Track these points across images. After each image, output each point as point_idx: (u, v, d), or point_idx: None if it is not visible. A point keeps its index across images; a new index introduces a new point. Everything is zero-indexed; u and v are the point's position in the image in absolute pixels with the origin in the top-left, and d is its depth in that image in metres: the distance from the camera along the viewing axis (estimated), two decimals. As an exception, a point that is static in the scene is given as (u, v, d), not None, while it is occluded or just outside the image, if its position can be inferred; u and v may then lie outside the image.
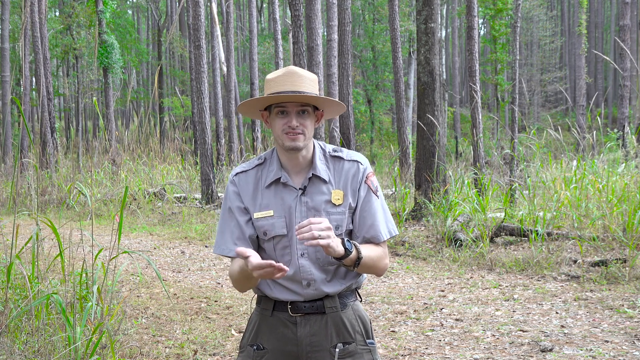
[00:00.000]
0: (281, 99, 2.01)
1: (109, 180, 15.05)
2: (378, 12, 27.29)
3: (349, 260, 1.94)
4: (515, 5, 11.23)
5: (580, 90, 24.57)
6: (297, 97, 2.01)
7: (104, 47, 19.08)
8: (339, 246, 1.89)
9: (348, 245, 1.92)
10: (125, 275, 7.09)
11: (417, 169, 9.72)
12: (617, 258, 6.32)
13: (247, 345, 2.14)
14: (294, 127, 2.02)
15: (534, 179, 8.90)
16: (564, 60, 39.61)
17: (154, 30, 37.31)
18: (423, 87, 9.56)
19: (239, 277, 2.03)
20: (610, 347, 4.31)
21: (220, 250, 2.11)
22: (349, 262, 1.95)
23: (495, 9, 17.15)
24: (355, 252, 1.94)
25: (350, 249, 1.92)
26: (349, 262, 1.95)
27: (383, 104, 29.03)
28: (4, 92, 18.79)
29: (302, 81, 2.04)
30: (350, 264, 1.96)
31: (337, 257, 1.91)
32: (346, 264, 1.96)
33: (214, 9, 19.96)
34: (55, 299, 3.77)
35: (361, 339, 2.10)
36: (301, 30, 10.62)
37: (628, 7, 19.03)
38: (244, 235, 2.08)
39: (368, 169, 2.12)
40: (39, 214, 4.46)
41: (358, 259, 1.95)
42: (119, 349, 4.26)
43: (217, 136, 19.43)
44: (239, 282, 2.06)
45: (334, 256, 1.90)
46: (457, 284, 6.33)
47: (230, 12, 21.28)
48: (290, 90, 2.01)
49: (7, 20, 18.87)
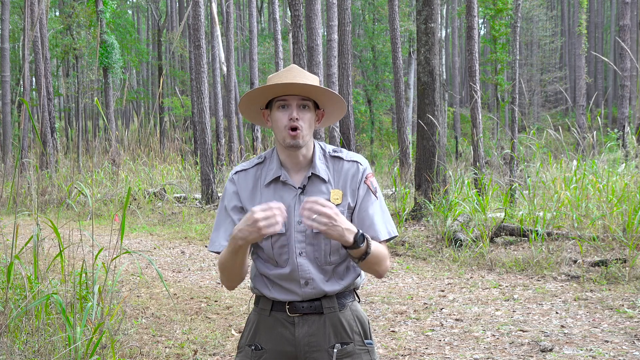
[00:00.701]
0: (283, 87, 2.01)
1: (109, 180, 15.06)
2: (378, 12, 27.30)
3: (357, 252, 1.93)
4: (515, 5, 11.23)
5: (580, 90, 24.57)
6: (298, 85, 2.00)
7: (104, 47, 19.08)
8: (344, 236, 1.87)
9: (360, 238, 1.91)
10: (125, 275, 7.09)
11: (417, 169, 9.72)
12: (617, 258, 6.32)
13: (245, 346, 2.13)
14: (295, 119, 2.02)
15: (534, 179, 8.90)
16: (564, 60, 39.61)
17: (154, 30, 37.32)
18: (423, 87, 9.56)
19: (227, 258, 1.98)
20: (610, 347, 4.31)
21: (214, 247, 2.10)
22: (355, 254, 1.94)
23: (495, 9, 17.14)
24: (365, 246, 1.93)
25: (361, 243, 1.91)
26: (356, 253, 1.94)
27: (383, 104, 29.03)
28: (4, 92, 18.79)
29: (303, 75, 2.06)
30: (357, 255, 1.94)
31: (344, 245, 1.91)
32: (353, 254, 1.95)
33: (214, 9, 19.96)
34: (55, 299, 3.77)
35: (359, 340, 2.10)
36: (301, 30, 10.62)
37: (628, 7, 19.03)
38: None
39: (368, 169, 2.12)
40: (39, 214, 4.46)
41: (366, 253, 1.94)
42: (119, 349, 4.26)
43: (217, 136, 19.44)
44: (227, 270, 2.02)
45: (342, 243, 1.90)
46: (457, 284, 6.33)
47: (230, 12, 21.28)
48: (292, 82, 2.01)
49: (7, 20, 18.86)
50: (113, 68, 19.53)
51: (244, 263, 2.01)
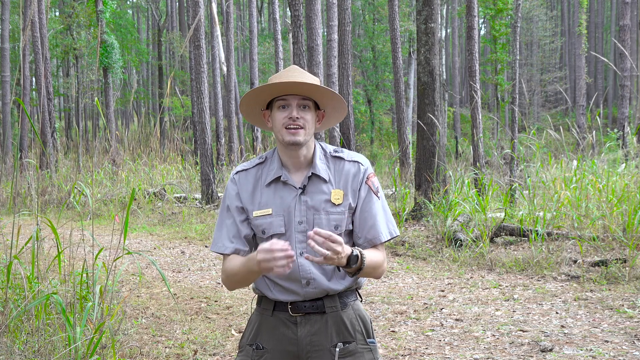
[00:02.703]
0: (283, 86, 2.01)
1: (109, 180, 15.06)
2: (378, 12, 27.28)
3: (350, 270, 1.95)
4: (516, 5, 11.23)
5: (580, 90, 24.57)
6: (299, 84, 2.01)
7: (104, 47, 19.09)
8: (342, 261, 1.89)
9: (353, 258, 1.91)
10: (125, 275, 7.09)
11: (417, 169, 9.73)
12: (617, 258, 6.32)
13: (247, 345, 2.14)
14: (295, 118, 2.02)
15: (534, 179, 8.90)
16: (564, 60, 39.59)
17: (154, 30, 37.32)
18: (423, 87, 9.56)
19: (239, 272, 2.00)
20: (610, 347, 4.31)
21: (216, 247, 2.11)
22: (349, 272, 1.96)
23: (495, 9, 17.14)
24: (358, 264, 1.93)
25: (353, 264, 1.91)
26: (350, 271, 1.96)
27: (383, 104, 29.02)
28: (4, 92, 18.79)
29: (304, 75, 2.06)
30: (351, 272, 1.97)
31: (338, 267, 1.95)
32: (346, 271, 1.97)
33: (214, 9, 19.96)
34: (55, 299, 3.77)
35: (361, 339, 2.10)
36: (301, 30, 10.62)
37: (628, 7, 19.02)
38: (239, 234, 2.09)
39: (369, 169, 2.12)
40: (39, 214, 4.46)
41: (359, 269, 1.95)
42: (119, 349, 4.26)
43: (217, 136, 19.43)
44: (236, 278, 2.03)
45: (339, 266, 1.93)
46: (457, 284, 6.33)
47: (230, 12, 21.28)
48: (292, 80, 2.01)
49: (7, 20, 18.86)
50: (113, 68, 19.53)
51: (255, 279, 2.06)
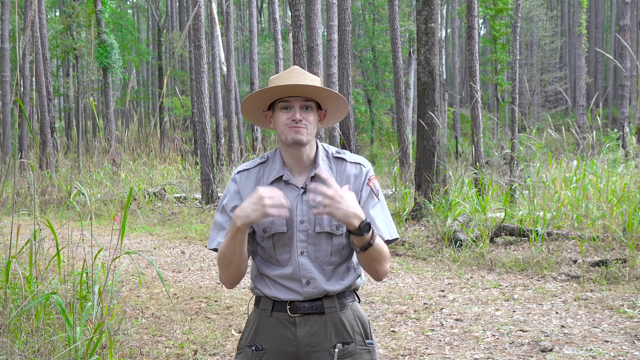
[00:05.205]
0: (285, 89, 2.01)
1: (109, 180, 15.06)
2: (378, 12, 27.28)
3: (360, 239, 1.91)
4: (516, 5, 11.23)
5: (580, 90, 24.56)
6: (301, 86, 2.01)
7: (103, 47, 19.07)
8: (349, 217, 1.86)
9: (365, 226, 1.89)
10: (125, 275, 7.09)
11: (417, 169, 9.72)
12: (617, 258, 6.32)
13: (245, 346, 2.13)
14: (298, 120, 2.02)
15: (534, 179, 8.90)
16: (564, 60, 39.59)
17: (154, 30, 37.30)
18: (423, 87, 9.56)
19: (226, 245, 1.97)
20: (610, 347, 4.31)
21: (212, 244, 2.11)
22: (359, 242, 1.92)
23: (495, 9, 17.12)
24: (369, 236, 1.91)
25: (365, 231, 1.89)
26: (359, 241, 1.92)
27: (383, 104, 29.03)
28: (4, 92, 18.78)
29: (305, 76, 2.06)
30: (360, 244, 1.93)
31: (349, 229, 1.91)
32: (356, 242, 1.93)
33: (214, 9, 19.95)
34: (55, 299, 3.77)
35: (360, 339, 2.10)
36: (301, 30, 10.62)
37: (628, 7, 19.02)
38: None
39: (371, 171, 2.13)
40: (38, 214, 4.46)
41: (369, 243, 1.93)
42: (119, 349, 4.26)
43: (217, 136, 19.43)
44: (225, 256, 2.00)
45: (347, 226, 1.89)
46: (457, 284, 6.33)
47: (230, 12, 21.27)
48: (294, 83, 2.02)
49: (7, 20, 18.85)
50: (113, 68, 19.52)
51: (243, 252, 1.99)
